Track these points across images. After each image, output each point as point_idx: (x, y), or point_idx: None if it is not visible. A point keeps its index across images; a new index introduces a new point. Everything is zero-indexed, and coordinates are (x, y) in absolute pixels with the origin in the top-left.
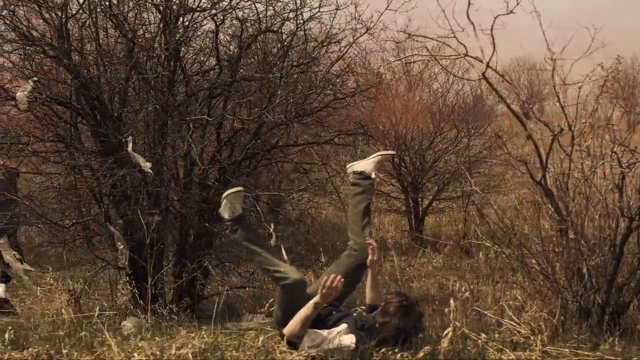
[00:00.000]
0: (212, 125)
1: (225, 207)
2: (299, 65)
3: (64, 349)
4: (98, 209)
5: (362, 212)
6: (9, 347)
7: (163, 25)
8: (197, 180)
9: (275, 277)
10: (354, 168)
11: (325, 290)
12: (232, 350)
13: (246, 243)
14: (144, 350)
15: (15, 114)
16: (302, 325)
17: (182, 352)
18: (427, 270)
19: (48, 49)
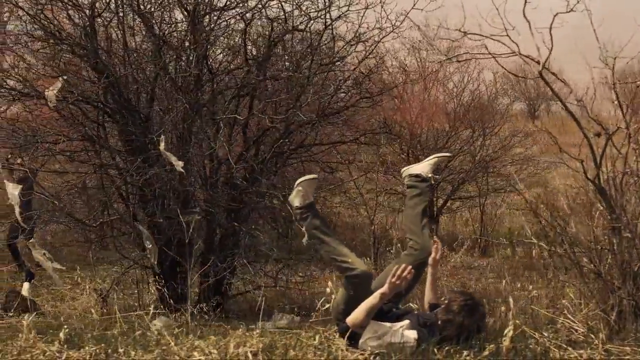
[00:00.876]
0: (239, 124)
1: (298, 194)
2: (327, 64)
3: (120, 348)
4: (125, 208)
5: (421, 213)
6: (65, 346)
7: (192, 25)
8: (224, 179)
9: (342, 267)
10: (410, 171)
11: (395, 280)
12: (289, 349)
13: (315, 231)
14: (202, 349)
15: (40, 113)
16: (366, 315)
17: (239, 350)
18: (447, 269)
19: (76, 48)
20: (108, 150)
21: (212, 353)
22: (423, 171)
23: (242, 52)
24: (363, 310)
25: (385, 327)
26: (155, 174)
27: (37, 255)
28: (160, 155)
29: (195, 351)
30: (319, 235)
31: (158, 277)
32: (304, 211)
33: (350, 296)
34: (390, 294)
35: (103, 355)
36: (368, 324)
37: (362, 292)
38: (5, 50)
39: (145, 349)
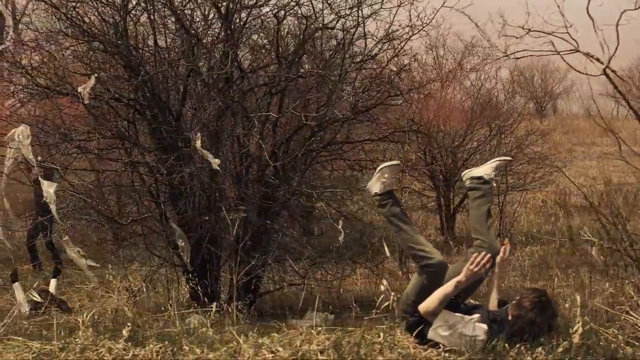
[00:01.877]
0: (270, 122)
1: (378, 180)
2: (358, 62)
3: (185, 346)
4: (155, 206)
5: (486, 213)
6: (129, 344)
7: (225, 23)
8: (255, 177)
9: (418, 255)
10: (472, 174)
11: (474, 267)
12: (357, 347)
13: (393, 219)
14: (268, 347)
15: (69, 111)
16: (439, 302)
17: (305, 348)
18: None
19: (108, 45)
20: (139, 148)
21: (278, 351)
22: (485, 173)
23: (274, 49)
24: (437, 298)
25: (457, 317)
26: (190, 172)
27: (71, 252)
28: (192, 153)
29: (263, 349)
30: (398, 222)
31: (191, 275)
32: (384, 198)
33: (423, 287)
34: (466, 282)
35: (169, 353)
36: (440, 312)
37: (435, 283)
38: (37, 49)
39: (210, 346)
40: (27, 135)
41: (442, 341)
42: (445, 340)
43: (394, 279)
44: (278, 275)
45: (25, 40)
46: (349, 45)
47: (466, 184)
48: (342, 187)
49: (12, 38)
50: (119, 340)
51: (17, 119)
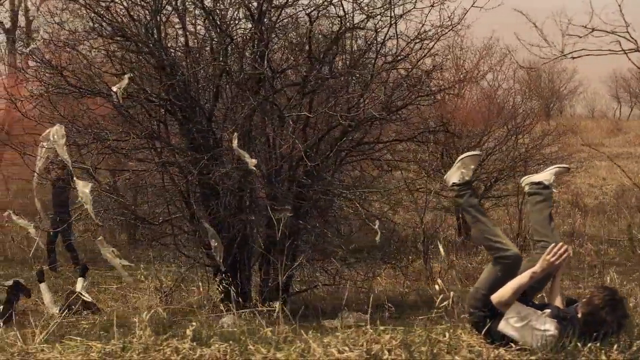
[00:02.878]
0: (300, 121)
1: (457, 170)
2: (390, 62)
3: (251, 346)
4: (185, 207)
5: (548, 217)
6: (194, 344)
7: (259, 25)
8: (288, 176)
9: (495, 247)
10: (532, 179)
11: (551, 257)
12: (420, 345)
13: (471, 209)
14: (336, 346)
15: (97, 112)
16: (513, 293)
17: (373, 347)
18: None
19: (141, 45)
20: (170, 148)
21: (344, 350)
22: (545, 179)
23: (307, 49)
24: (511, 288)
25: (529, 309)
26: (225, 172)
27: (105, 252)
28: (222, 153)
29: (332, 348)
30: (475, 213)
31: (225, 275)
32: (462, 188)
33: (496, 279)
34: (541, 273)
35: (237, 352)
36: (513, 302)
37: (509, 276)
38: (66, 48)
39: (276, 346)
40: (62, 134)
41: (514, 333)
42: (517, 333)
43: (416, 280)
44: (308, 275)
45: (55, 40)
46: (380, 45)
47: (525, 190)
48: (370, 188)
49: (43, 38)
50: (184, 339)
51: (46, 119)
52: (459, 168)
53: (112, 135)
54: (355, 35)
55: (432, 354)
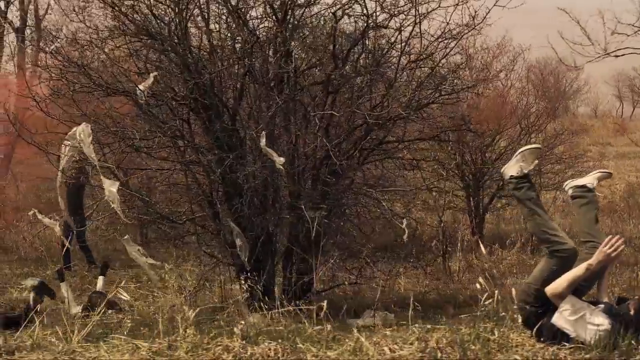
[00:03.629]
0: (324, 120)
1: (517, 163)
2: (414, 61)
3: (300, 343)
4: (208, 205)
5: (594, 218)
6: (243, 342)
7: (283, 25)
8: (312, 175)
9: (551, 240)
10: (575, 183)
11: (607, 249)
12: (469, 344)
13: (529, 202)
14: (387, 345)
15: (121, 112)
16: (568, 285)
17: (428, 345)
18: (503, 267)
19: (166, 44)
20: (194, 147)
21: (396, 349)
22: (588, 182)
23: (331, 48)
24: (566, 280)
25: (583, 304)
26: (251, 171)
27: (131, 251)
28: (247, 152)
29: (385, 347)
30: (532, 206)
31: (250, 274)
32: (520, 181)
33: (551, 273)
34: (597, 266)
35: (288, 350)
36: (567, 295)
37: (564, 270)
38: (91, 47)
39: (326, 345)
40: (88, 133)
41: (567, 327)
42: (571, 326)
43: (436, 279)
44: (331, 274)
45: (79, 39)
46: (405, 44)
47: (569, 193)
48: (393, 187)
49: (66, 36)
50: (234, 338)
51: (69, 118)
52: (518, 161)
53: (138, 135)
54: (377, 34)
55: (488, 352)
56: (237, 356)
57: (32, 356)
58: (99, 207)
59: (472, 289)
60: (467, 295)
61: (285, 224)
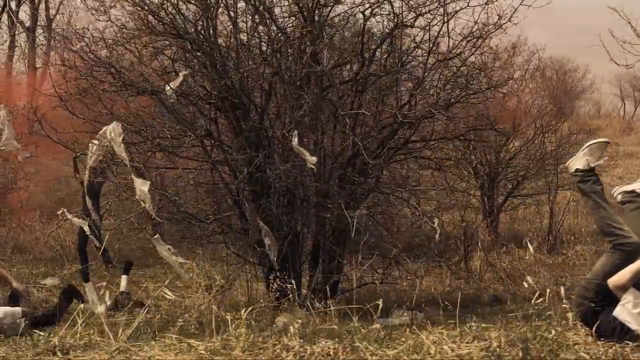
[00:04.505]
0: (350, 119)
1: (584, 156)
2: (441, 60)
3: (357, 342)
4: (234, 204)
5: None
6: (301, 340)
7: (313, 25)
8: (339, 174)
9: (616, 233)
10: (624, 189)
11: None
12: (530, 342)
13: (594, 195)
14: (440, 344)
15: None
16: (631, 276)
17: (478, 344)
18: (522, 266)
19: (194, 43)
20: (226, 146)
21: (455, 348)
22: (637, 187)
23: (359, 47)
24: (630, 271)
25: None
26: (283, 169)
27: (161, 250)
28: (274, 152)
29: (434, 345)
30: (598, 199)
31: (280, 273)
32: (587, 174)
33: (612, 267)
34: None
35: (348, 350)
36: (630, 287)
37: (626, 264)
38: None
39: (385, 343)
40: (119, 132)
41: (630, 319)
42: (633, 319)
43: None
44: (357, 273)
45: (106, 38)
46: (433, 43)
47: (618, 199)
48: (418, 187)
49: (93, 36)
50: (293, 337)
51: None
52: (585, 155)
53: (166, 134)
54: (404, 33)
55: (550, 351)
56: (298, 355)
57: (86, 355)
58: (116, 207)
59: (494, 288)
60: (491, 295)
61: (311, 223)
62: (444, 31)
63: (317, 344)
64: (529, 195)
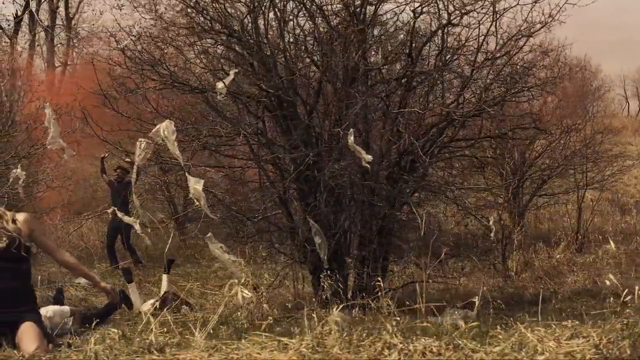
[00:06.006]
0: (391, 117)
1: None
2: (490, 59)
3: (459, 340)
4: (280, 203)
5: None
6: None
7: (364, 24)
8: (386, 172)
9: None
10: None
11: None
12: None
13: None
14: (542, 341)
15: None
16: None
17: (578, 341)
18: (550, 265)
19: (244, 41)
20: (270, 145)
21: (550, 346)
22: None
23: (408, 45)
24: None
25: None
26: (335, 168)
27: (214, 248)
28: (326, 149)
29: (547, 342)
30: None
31: (331, 272)
32: None
33: None
34: None
35: (451, 347)
36: None
37: None
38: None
39: (486, 341)
40: (172, 130)
41: None
42: None
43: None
44: (403, 271)
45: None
46: (483, 41)
47: None
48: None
49: (139, 33)
50: (394, 334)
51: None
52: None
53: (218, 132)
54: (450, 32)
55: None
56: (401, 353)
57: (183, 354)
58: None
59: (533, 286)
60: (532, 294)
61: (358, 221)
62: (492, 30)
63: (418, 341)
64: (554, 195)
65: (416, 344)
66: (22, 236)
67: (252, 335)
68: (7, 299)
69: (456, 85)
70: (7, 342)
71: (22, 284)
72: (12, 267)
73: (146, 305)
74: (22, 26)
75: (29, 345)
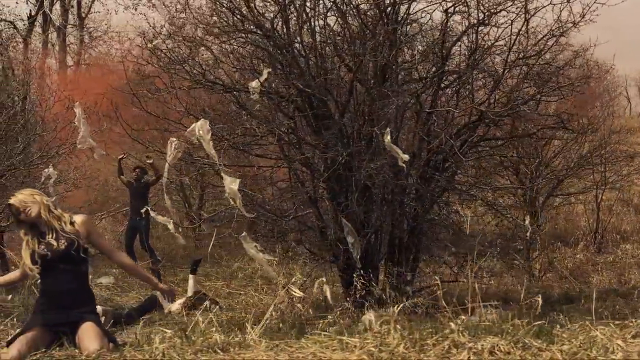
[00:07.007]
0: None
1: None
2: (521, 58)
3: (523, 338)
4: (309, 202)
5: None
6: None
7: (396, 26)
8: (418, 172)
9: None
10: None
11: None
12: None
13: None
14: (611, 340)
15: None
16: None
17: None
18: (571, 265)
19: (277, 41)
20: (301, 145)
21: (619, 345)
22: None
23: (439, 44)
24: None
25: None
26: (372, 168)
27: (248, 247)
28: (358, 149)
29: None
30: None
31: (364, 271)
32: None
33: None
34: None
35: (512, 345)
36: None
37: None
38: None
39: (552, 339)
40: (207, 129)
41: None
42: None
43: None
44: (432, 270)
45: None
46: (514, 41)
47: None
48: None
49: (169, 32)
50: (461, 333)
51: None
52: None
53: (251, 132)
54: (480, 31)
55: None
56: (470, 352)
57: (248, 353)
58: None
59: (559, 286)
60: (559, 294)
61: (389, 221)
62: (523, 30)
63: (484, 339)
64: (570, 194)
65: (484, 343)
66: (81, 238)
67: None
68: (67, 300)
69: (485, 85)
70: (68, 341)
71: (81, 285)
72: (72, 269)
73: (175, 305)
74: (35, 26)
75: (91, 345)
